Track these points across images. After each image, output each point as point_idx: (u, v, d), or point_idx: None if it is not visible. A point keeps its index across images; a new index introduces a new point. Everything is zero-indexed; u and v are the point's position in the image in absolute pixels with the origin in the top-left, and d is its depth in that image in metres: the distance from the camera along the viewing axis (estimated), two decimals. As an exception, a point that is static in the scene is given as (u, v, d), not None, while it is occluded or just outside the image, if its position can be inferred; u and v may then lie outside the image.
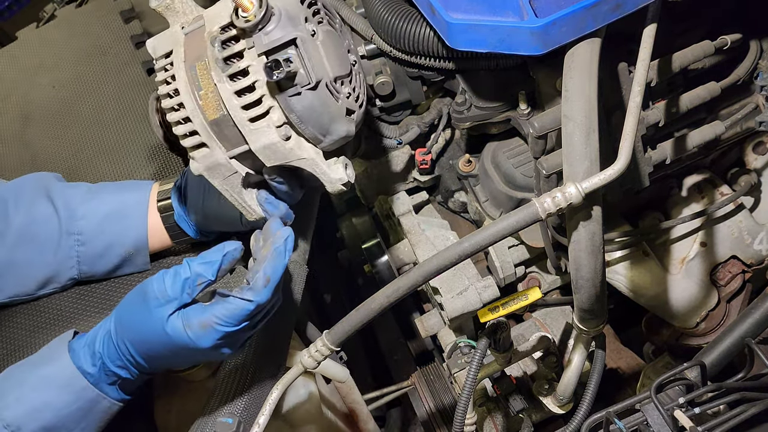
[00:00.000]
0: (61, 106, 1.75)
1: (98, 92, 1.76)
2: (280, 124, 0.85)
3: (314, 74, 0.84)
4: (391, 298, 0.85)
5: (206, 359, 1.02)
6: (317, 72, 0.85)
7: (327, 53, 0.88)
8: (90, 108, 1.72)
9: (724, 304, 1.42)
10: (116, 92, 1.73)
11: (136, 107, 1.66)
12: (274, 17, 0.82)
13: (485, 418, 1.34)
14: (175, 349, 0.86)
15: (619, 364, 1.56)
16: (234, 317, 0.84)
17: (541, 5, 0.90)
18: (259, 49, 0.81)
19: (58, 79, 1.86)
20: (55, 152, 1.62)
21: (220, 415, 0.97)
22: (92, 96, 1.75)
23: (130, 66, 1.80)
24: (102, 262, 1.15)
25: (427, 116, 1.40)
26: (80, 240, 1.12)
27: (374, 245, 1.59)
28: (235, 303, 0.84)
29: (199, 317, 0.84)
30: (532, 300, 1.05)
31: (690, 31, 1.19)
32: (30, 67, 1.96)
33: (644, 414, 0.81)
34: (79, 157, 1.59)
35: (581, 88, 0.84)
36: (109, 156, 1.57)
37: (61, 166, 1.57)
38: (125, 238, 1.14)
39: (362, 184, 1.55)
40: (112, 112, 1.68)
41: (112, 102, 1.71)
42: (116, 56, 1.86)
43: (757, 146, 1.41)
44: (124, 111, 1.67)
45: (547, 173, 1.00)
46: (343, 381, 1.35)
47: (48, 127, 1.71)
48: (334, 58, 0.89)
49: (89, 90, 1.78)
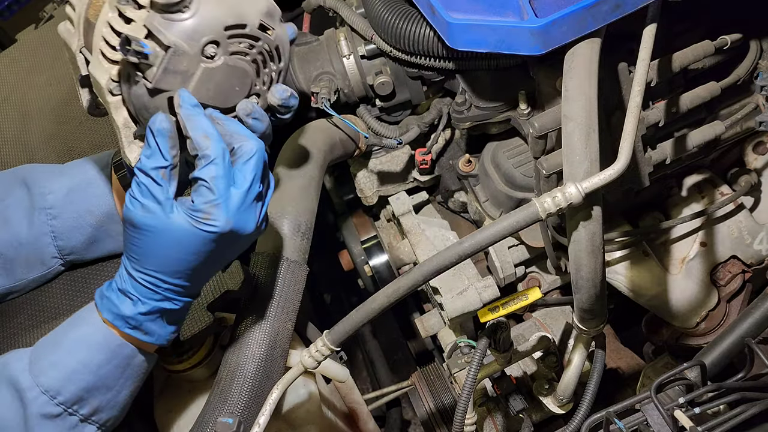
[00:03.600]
0: (57, 104, 1.76)
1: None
2: (115, 80, 0.85)
3: (162, 83, 0.83)
4: (391, 298, 0.85)
5: (239, 236, 0.88)
6: (168, 84, 0.83)
7: (207, 78, 0.85)
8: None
9: (724, 304, 1.41)
10: None
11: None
12: (183, 18, 0.81)
13: (485, 418, 1.34)
14: (197, 244, 0.82)
15: (619, 364, 1.56)
16: (218, 174, 0.80)
17: (541, 5, 0.90)
18: (146, 21, 0.81)
19: (55, 76, 1.86)
20: (51, 149, 1.62)
21: (220, 415, 0.97)
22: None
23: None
24: (77, 235, 1.15)
25: (427, 116, 1.40)
26: (51, 214, 1.12)
27: (374, 245, 1.60)
28: (206, 168, 0.80)
29: (192, 199, 0.81)
30: (532, 300, 1.05)
31: (690, 31, 1.19)
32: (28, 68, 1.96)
33: (644, 414, 0.81)
34: (72, 153, 1.59)
35: (581, 88, 0.84)
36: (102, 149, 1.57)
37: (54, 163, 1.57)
38: (93, 206, 1.13)
39: (362, 184, 1.55)
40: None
41: None
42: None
43: (757, 146, 1.41)
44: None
45: (547, 173, 1.00)
46: (343, 381, 1.35)
47: (44, 124, 1.71)
48: (211, 87, 0.86)
49: None
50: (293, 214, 1.14)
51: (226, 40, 0.85)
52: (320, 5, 1.43)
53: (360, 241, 1.63)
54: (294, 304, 1.09)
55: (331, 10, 1.39)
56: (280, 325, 1.06)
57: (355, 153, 1.42)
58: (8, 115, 1.82)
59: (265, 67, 0.92)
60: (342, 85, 1.35)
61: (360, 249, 1.61)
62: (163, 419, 1.20)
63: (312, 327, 1.37)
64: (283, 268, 1.08)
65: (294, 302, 1.09)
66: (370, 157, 1.50)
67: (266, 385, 1.01)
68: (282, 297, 1.06)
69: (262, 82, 0.93)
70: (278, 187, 1.18)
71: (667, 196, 1.44)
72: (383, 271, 1.57)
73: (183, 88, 0.84)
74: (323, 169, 1.26)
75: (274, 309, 1.05)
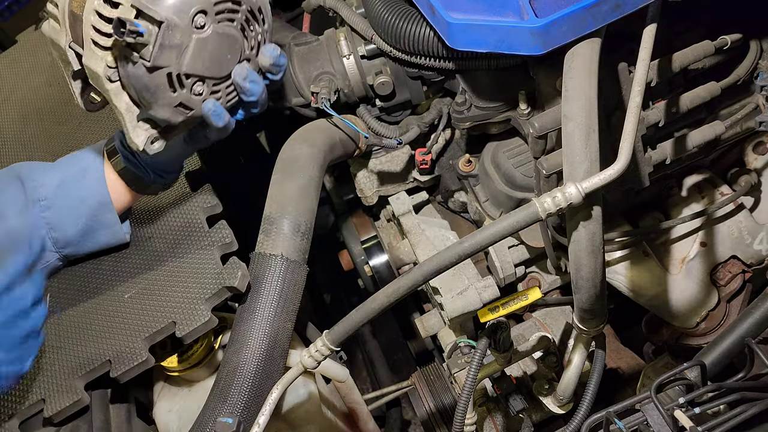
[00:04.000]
0: (56, 104, 1.75)
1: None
2: (112, 66, 0.87)
3: (160, 60, 0.85)
4: (391, 298, 0.86)
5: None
6: (165, 59, 0.86)
7: (200, 49, 0.89)
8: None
9: (724, 304, 1.41)
10: None
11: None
12: None
13: (485, 418, 1.34)
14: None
15: (619, 364, 1.56)
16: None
17: (541, 5, 0.90)
18: (134, 1, 0.82)
19: (54, 76, 1.86)
20: (50, 150, 1.62)
21: (220, 414, 0.97)
22: None
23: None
24: (71, 225, 1.14)
25: (427, 116, 1.40)
26: (45, 205, 1.12)
27: (374, 245, 1.60)
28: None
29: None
30: (532, 300, 1.05)
31: (690, 31, 1.19)
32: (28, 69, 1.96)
33: (644, 414, 0.81)
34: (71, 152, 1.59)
35: (581, 88, 0.84)
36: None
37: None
38: (86, 194, 1.14)
39: (362, 184, 1.55)
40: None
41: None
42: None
43: (757, 146, 1.41)
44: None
45: (547, 173, 1.00)
46: (343, 381, 1.35)
47: (44, 125, 1.71)
48: (206, 56, 0.90)
49: None
50: (293, 214, 1.13)
51: (212, 8, 0.88)
52: (320, 5, 1.43)
53: (360, 241, 1.63)
54: (294, 304, 1.09)
55: (331, 10, 1.39)
56: (279, 325, 1.06)
57: (355, 153, 1.42)
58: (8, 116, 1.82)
59: (252, 31, 0.96)
60: (342, 85, 1.35)
61: (360, 249, 1.61)
62: (163, 419, 1.20)
63: (312, 327, 1.38)
64: (283, 268, 1.08)
65: (294, 302, 1.09)
66: (370, 157, 1.50)
67: (266, 384, 1.01)
68: (282, 297, 1.06)
69: (250, 47, 0.97)
70: (278, 187, 1.18)
71: (667, 196, 1.44)
72: (383, 271, 1.57)
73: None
74: (323, 169, 1.26)
75: (274, 309, 1.05)
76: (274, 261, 1.08)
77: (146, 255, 1.20)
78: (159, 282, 1.13)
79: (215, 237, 1.14)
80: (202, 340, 1.16)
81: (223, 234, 1.13)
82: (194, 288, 1.08)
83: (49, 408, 1.04)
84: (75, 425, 1.09)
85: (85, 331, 1.12)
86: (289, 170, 1.21)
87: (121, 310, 1.12)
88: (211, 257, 1.10)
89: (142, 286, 1.14)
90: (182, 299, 1.07)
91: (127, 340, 1.06)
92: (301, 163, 1.21)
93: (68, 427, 1.09)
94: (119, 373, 1.03)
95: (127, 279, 1.17)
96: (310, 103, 1.35)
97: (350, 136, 1.37)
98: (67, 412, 1.05)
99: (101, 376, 1.06)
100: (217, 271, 1.08)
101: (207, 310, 1.04)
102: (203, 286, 1.07)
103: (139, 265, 1.18)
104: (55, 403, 1.04)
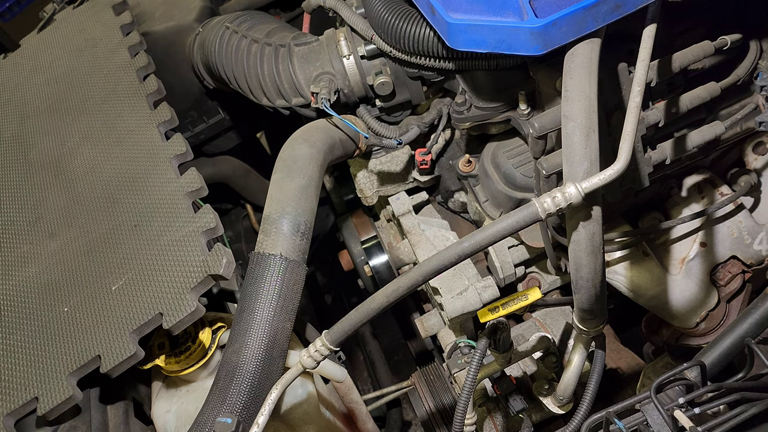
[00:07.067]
0: (53, 101, 1.77)
1: (87, 82, 1.77)
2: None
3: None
4: (391, 298, 0.85)
5: None
6: None
7: None
8: (78, 98, 1.73)
9: (724, 304, 1.41)
10: (103, 78, 1.74)
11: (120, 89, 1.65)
12: None
13: (485, 418, 1.34)
14: None
15: (619, 364, 1.56)
16: None
17: (541, 5, 0.90)
18: None
19: (53, 76, 1.88)
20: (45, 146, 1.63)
21: (219, 414, 0.97)
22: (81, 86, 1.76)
23: (117, 52, 1.79)
24: None
25: (427, 116, 1.40)
26: None
27: (374, 245, 1.60)
28: None
29: None
30: (532, 300, 1.05)
31: (690, 31, 1.19)
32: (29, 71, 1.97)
33: (644, 414, 0.81)
34: (65, 146, 1.60)
35: (581, 88, 0.84)
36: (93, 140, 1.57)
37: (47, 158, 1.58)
38: None
39: (362, 184, 1.55)
40: (98, 98, 1.69)
41: (98, 88, 1.72)
42: (105, 45, 1.86)
43: (757, 146, 1.41)
44: (109, 94, 1.67)
45: (547, 173, 1.00)
46: (341, 381, 1.35)
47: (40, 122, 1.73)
48: None
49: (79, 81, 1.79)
50: (293, 214, 1.13)
51: None
52: (320, 5, 1.43)
53: (360, 241, 1.63)
54: (293, 304, 1.09)
55: (331, 10, 1.39)
56: (279, 325, 1.05)
57: (355, 153, 1.42)
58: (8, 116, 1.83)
59: None
60: (342, 85, 1.35)
61: (360, 249, 1.61)
62: (160, 419, 1.20)
63: (311, 327, 1.37)
64: (283, 268, 1.08)
65: (293, 302, 1.09)
66: (370, 157, 1.50)
67: (265, 384, 1.01)
68: (281, 297, 1.06)
69: None
70: (278, 187, 1.18)
71: (667, 196, 1.44)
72: (383, 271, 1.57)
73: None
74: (323, 169, 1.26)
75: (273, 309, 1.05)
76: (274, 261, 1.08)
77: (133, 243, 1.17)
78: (145, 271, 1.11)
79: (200, 222, 1.11)
80: (199, 339, 1.16)
81: (207, 219, 1.10)
82: (180, 277, 1.05)
83: (42, 406, 1.03)
84: (73, 425, 1.09)
85: (75, 326, 1.10)
86: (289, 170, 1.21)
87: (108, 302, 1.10)
88: (197, 244, 1.08)
89: (129, 277, 1.11)
90: (169, 289, 1.05)
91: (116, 334, 1.04)
92: (301, 163, 1.21)
93: (65, 426, 1.09)
94: (109, 368, 1.02)
95: (114, 269, 1.14)
96: (310, 103, 1.35)
97: (350, 136, 1.37)
98: (61, 410, 1.03)
99: (93, 372, 1.04)
100: (201, 258, 1.06)
101: (194, 300, 1.02)
102: (189, 275, 1.05)
103: (126, 254, 1.15)
104: (48, 400, 1.03)
